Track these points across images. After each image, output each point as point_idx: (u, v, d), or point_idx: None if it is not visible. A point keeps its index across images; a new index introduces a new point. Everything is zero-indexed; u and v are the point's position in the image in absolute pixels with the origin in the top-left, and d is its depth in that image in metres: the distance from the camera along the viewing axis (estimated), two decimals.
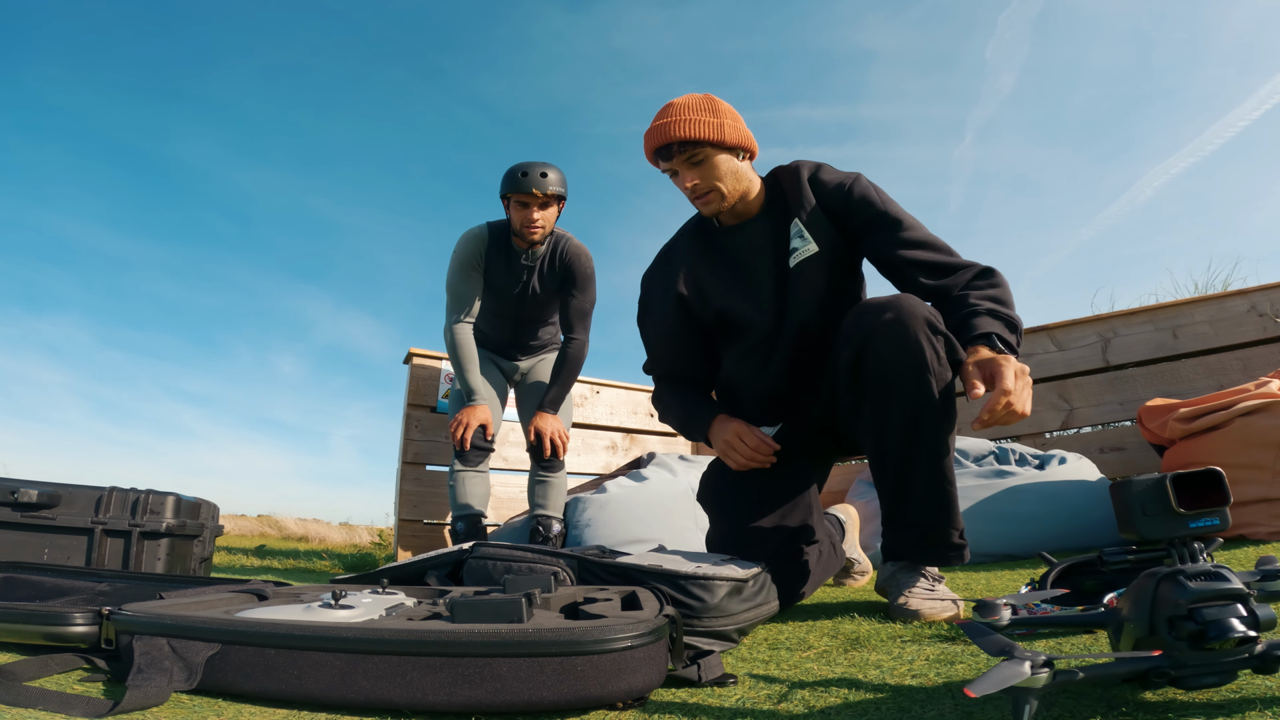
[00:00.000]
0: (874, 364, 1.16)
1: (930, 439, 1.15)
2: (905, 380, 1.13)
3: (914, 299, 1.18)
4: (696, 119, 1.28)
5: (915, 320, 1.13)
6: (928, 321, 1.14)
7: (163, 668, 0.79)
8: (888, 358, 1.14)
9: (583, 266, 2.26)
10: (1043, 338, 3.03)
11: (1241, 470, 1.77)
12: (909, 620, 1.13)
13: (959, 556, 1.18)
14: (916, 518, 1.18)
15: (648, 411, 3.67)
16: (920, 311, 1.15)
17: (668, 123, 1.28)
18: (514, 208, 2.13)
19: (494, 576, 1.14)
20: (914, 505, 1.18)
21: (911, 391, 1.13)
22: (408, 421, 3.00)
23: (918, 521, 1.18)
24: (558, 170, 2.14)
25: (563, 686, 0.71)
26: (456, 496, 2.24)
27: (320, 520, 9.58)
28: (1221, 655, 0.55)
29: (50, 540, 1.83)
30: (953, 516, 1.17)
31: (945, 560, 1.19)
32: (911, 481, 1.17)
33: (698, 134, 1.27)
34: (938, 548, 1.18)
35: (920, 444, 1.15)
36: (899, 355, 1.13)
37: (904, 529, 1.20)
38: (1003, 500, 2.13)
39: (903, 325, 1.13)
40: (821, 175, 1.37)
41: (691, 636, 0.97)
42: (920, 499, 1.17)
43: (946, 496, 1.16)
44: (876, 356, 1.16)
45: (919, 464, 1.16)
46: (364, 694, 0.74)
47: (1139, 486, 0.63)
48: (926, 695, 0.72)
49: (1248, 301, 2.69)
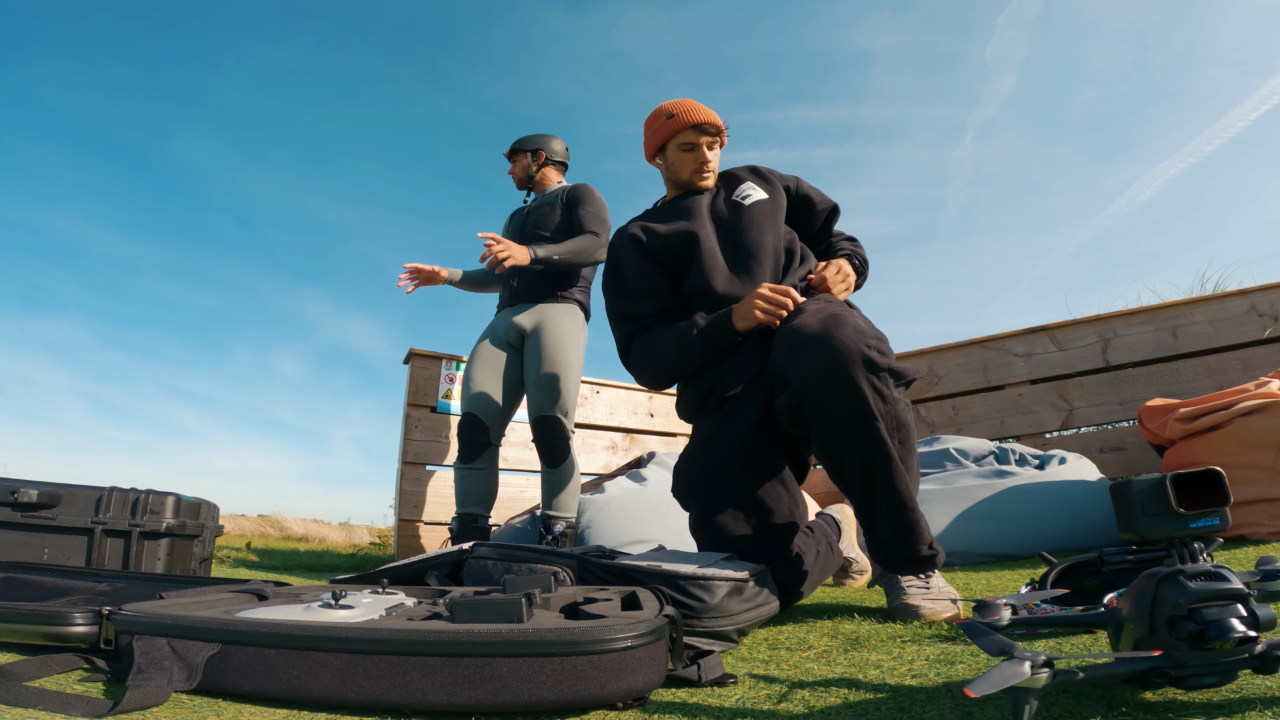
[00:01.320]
0: (816, 413, 1.18)
1: (885, 476, 1.16)
2: (852, 429, 1.15)
3: (844, 319, 1.18)
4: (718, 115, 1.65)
5: (852, 364, 1.12)
6: (865, 359, 1.13)
7: (163, 668, 0.79)
8: (830, 409, 1.16)
9: (585, 189, 2.53)
10: (1043, 338, 3.03)
11: (1241, 470, 1.77)
12: (909, 619, 1.14)
13: (931, 565, 1.21)
14: (885, 540, 1.21)
15: (648, 411, 3.67)
16: (857, 347, 1.13)
17: (702, 107, 1.63)
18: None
19: (494, 576, 1.15)
20: (881, 528, 1.21)
21: (860, 439, 1.15)
22: (408, 421, 3.00)
23: (887, 543, 1.21)
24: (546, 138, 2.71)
25: (563, 686, 0.71)
26: (456, 495, 2.26)
27: (320, 520, 9.57)
28: (1221, 655, 0.55)
29: (50, 540, 1.83)
30: (918, 535, 1.19)
31: (918, 570, 1.21)
32: (875, 508, 1.20)
33: (722, 123, 1.64)
34: (908, 561, 1.21)
35: (877, 478, 1.17)
36: (841, 405, 1.14)
37: (877, 544, 1.24)
38: (1003, 500, 2.13)
39: (839, 372, 1.13)
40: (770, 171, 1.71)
41: (691, 636, 0.97)
42: (886, 524, 1.20)
43: (909, 521, 1.18)
44: (819, 408, 1.17)
45: (879, 494, 1.18)
46: (364, 694, 0.74)
47: (1139, 486, 0.63)
48: (926, 695, 0.72)
49: (1248, 301, 2.69)
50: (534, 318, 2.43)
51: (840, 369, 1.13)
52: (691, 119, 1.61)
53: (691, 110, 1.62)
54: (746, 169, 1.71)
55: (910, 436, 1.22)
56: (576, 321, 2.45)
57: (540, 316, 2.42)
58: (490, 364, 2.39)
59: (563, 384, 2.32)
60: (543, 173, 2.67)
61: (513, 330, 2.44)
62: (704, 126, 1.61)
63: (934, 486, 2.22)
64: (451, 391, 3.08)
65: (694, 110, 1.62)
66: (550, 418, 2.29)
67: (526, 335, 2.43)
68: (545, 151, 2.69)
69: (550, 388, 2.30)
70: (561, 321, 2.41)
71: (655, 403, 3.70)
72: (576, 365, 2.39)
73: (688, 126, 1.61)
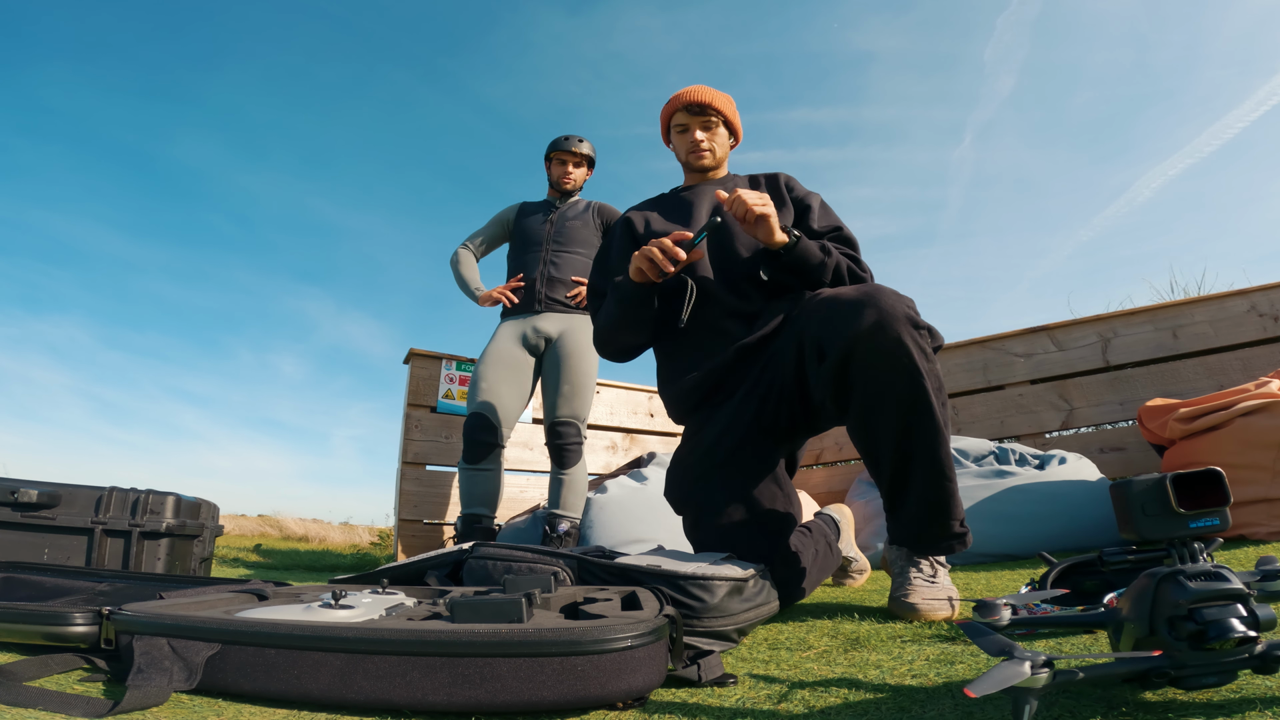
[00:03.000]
0: (862, 375, 1.15)
1: (927, 439, 1.14)
2: (898, 389, 1.12)
3: (886, 288, 1.18)
4: (722, 98, 1.65)
5: (898, 321, 1.12)
6: (908, 318, 1.13)
7: (163, 668, 0.79)
8: (878, 368, 1.13)
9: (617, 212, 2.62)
10: (1043, 338, 3.03)
11: (1241, 470, 1.77)
12: (907, 616, 1.14)
13: (961, 543, 1.18)
14: (917, 512, 1.18)
15: (647, 411, 3.67)
16: (899, 308, 1.13)
17: (700, 89, 1.63)
18: (554, 165, 2.66)
19: (494, 576, 1.14)
20: (913, 501, 1.18)
21: (905, 398, 1.12)
22: (408, 422, 3.00)
23: (918, 515, 1.18)
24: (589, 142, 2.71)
25: (563, 686, 0.71)
26: (461, 495, 2.27)
27: (321, 520, 9.57)
28: (1221, 655, 0.55)
29: (50, 540, 1.83)
30: (953, 509, 1.17)
31: (947, 549, 1.18)
32: (909, 478, 1.17)
33: (719, 104, 1.63)
34: (938, 539, 1.18)
35: (916, 445, 1.14)
36: (889, 364, 1.12)
37: (905, 522, 1.20)
38: (1003, 500, 2.13)
39: (887, 330, 1.11)
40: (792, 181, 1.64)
41: (691, 636, 0.97)
42: (919, 496, 1.17)
43: (946, 492, 1.16)
44: (865, 368, 1.14)
45: (916, 463, 1.15)
46: (364, 694, 0.74)
47: (1139, 486, 0.63)
48: (926, 695, 0.72)
49: (1248, 301, 2.69)
50: (560, 325, 2.49)
51: (889, 326, 1.11)
52: (682, 100, 1.62)
53: (688, 92, 1.62)
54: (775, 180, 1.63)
55: (945, 412, 1.17)
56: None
57: (566, 325, 2.49)
58: (507, 365, 2.40)
59: (585, 392, 2.41)
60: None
61: (539, 335, 2.48)
62: (692, 107, 1.61)
63: None
64: (452, 392, 3.08)
65: (690, 92, 1.62)
66: (569, 423, 2.36)
67: (552, 341, 2.48)
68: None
69: (572, 395, 2.38)
70: (585, 332, 2.47)
71: (655, 403, 3.70)
72: (595, 375, 2.45)
73: (679, 108, 1.63)
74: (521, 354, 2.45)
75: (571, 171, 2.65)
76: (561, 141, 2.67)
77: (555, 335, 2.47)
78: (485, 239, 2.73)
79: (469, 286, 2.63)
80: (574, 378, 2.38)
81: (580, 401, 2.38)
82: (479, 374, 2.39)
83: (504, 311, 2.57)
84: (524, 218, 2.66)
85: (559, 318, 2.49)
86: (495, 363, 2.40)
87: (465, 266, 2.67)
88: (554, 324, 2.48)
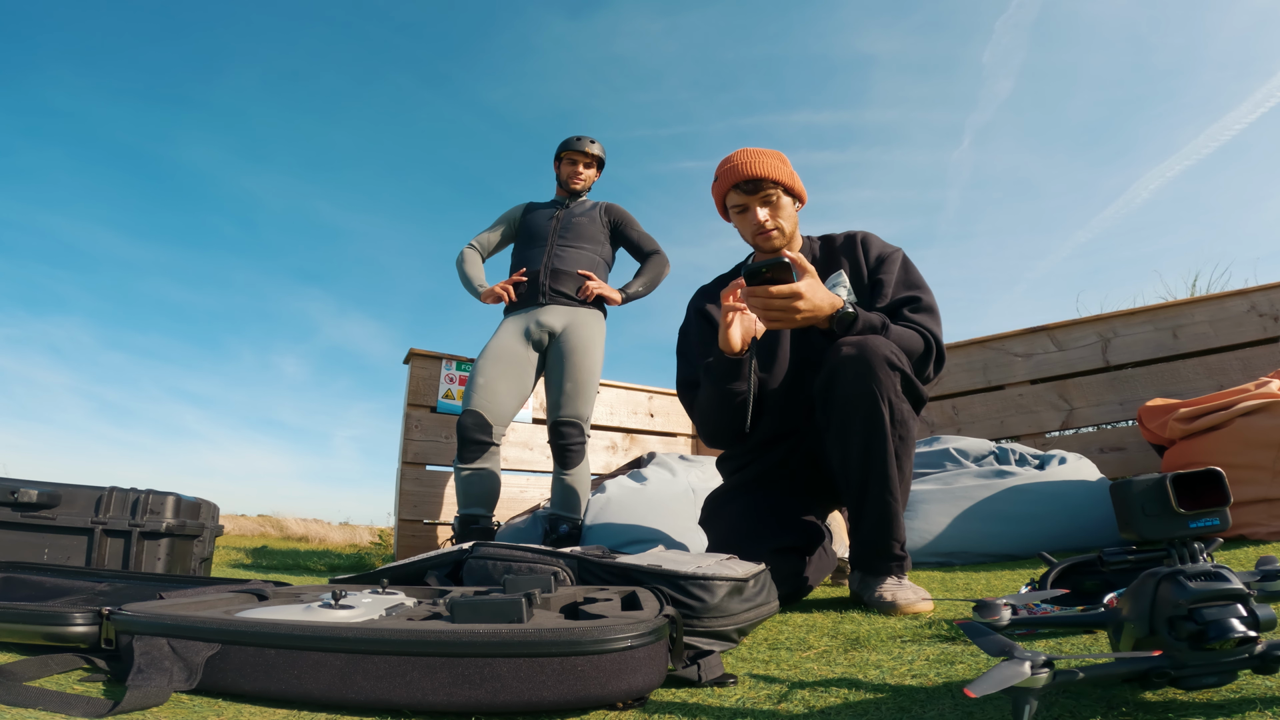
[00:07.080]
0: (839, 389, 1.30)
1: (881, 462, 1.27)
2: (864, 404, 1.27)
3: (880, 340, 1.30)
4: (774, 163, 1.45)
5: (875, 356, 1.28)
6: (887, 359, 1.28)
7: (163, 668, 0.79)
8: (849, 384, 1.28)
9: (623, 210, 2.67)
10: (1043, 338, 3.03)
11: (1241, 470, 1.77)
12: (888, 612, 1.21)
13: (900, 568, 1.29)
14: (869, 534, 1.30)
15: (647, 411, 3.67)
16: (881, 350, 1.28)
17: (750, 160, 1.44)
18: (564, 164, 2.66)
19: (494, 576, 1.14)
20: (866, 523, 1.30)
21: (868, 414, 1.27)
22: (408, 422, 3.00)
23: (869, 538, 1.31)
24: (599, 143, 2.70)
25: (563, 686, 0.71)
26: (458, 495, 2.26)
27: (321, 520, 9.57)
28: (1221, 655, 0.55)
29: (50, 540, 1.83)
30: (894, 531, 1.29)
31: (888, 571, 1.29)
32: (865, 500, 1.30)
33: (774, 174, 1.44)
34: (882, 559, 1.29)
35: (873, 466, 1.27)
36: (859, 383, 1.27)
37: (860, 544, 1.33)
38: (1003, 500, 2.13)
39: (864, 358, 1.28)
40: (869, 240, 1.54)
41: (691, 636, 0.97)
42: (871, 518, 1.29)
43: (891, 514, 1.28)
44: (841, 382, 1.29)
45: (871, 484, 1.28)
46: (364, 694, 0.74)
47: (1139, 486, 0.63)
48: (926, 695, 0.72)
49: (1248, 301, 2.69)
50: (563, 319, 2.45)
51: (866, 358, 1.27)
52: (733, 178, 1.44)
53: (735, 167, 1.44)
54: (852, 240, 1.53)
55: (910, 436, 1.31)
56: (601, 327, 2.50)
57: (570, 319, 2.45)
58: (508, 362, 2.37)
59: (588, 391, 2.38)
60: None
61: (542, 329, 2.44)
62: (745, 185, 1.43)
63: (934, 486, 2.22)
64: (452, 392, 3.08)
65: (738, 166, 1.43)
66: (573, 423, 2.33)
67: (555, 335, 2.44)
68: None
69: (575, 394, 2.35)
70: (589, 326, 2.45)
71: (655, 403, 3.71)
72: (599, 372, 2.43)
73: (731, 187, 1.45)
74: (523, 350, 2.41)
75: (582, 172, 2.65)
76: (573, 141, 2.67)
77: (559, 329, 2.43)
78: (491, 237, 2.74)
79: (472, 284, 2.63)
80: (578, 375, 2.35)
81: (584, 400, 2.35)
82: (476, 370, 2.36)
83: (507, 308, 2.55)
84: (530, 214, 2.66)
85: (563, 310, 2.46)
86: (494, 359, 2.36)
87: (470, 265, 2.67)
88: (558, 317, 2.45)
